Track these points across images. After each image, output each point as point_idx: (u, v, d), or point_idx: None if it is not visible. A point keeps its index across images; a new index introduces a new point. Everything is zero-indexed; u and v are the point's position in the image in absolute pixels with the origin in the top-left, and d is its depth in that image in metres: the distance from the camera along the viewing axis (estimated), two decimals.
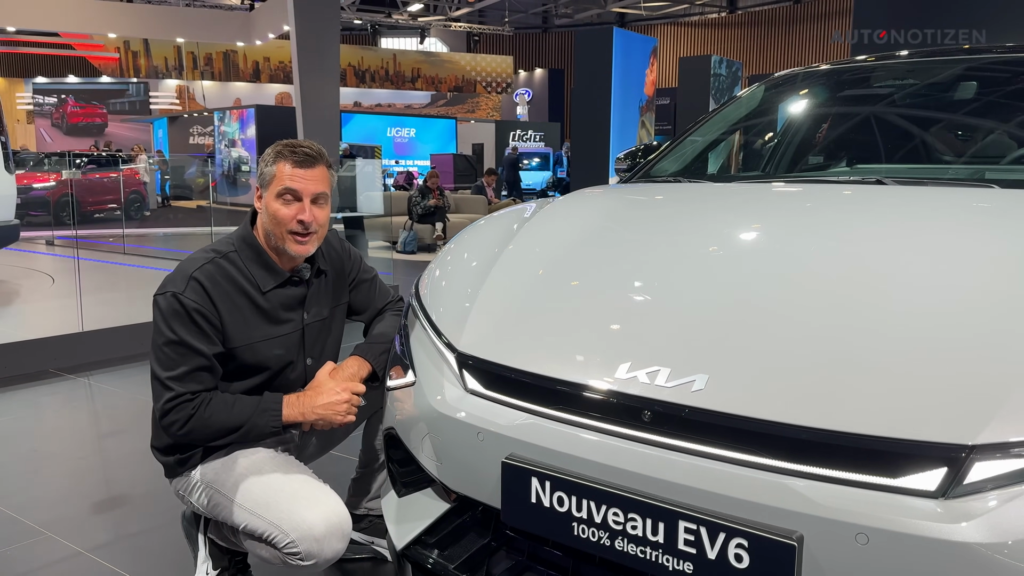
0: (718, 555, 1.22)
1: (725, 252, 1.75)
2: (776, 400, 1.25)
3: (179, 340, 1.88)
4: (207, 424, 1.88)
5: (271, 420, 1.92)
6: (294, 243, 1.98)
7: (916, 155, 2.50)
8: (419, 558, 1.72)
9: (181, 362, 1.88)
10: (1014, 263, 1.42)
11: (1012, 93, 2.61)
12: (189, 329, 1.89)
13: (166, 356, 1.89)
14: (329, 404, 1.96)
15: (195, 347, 1.88)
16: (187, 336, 1.88)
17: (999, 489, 1.10)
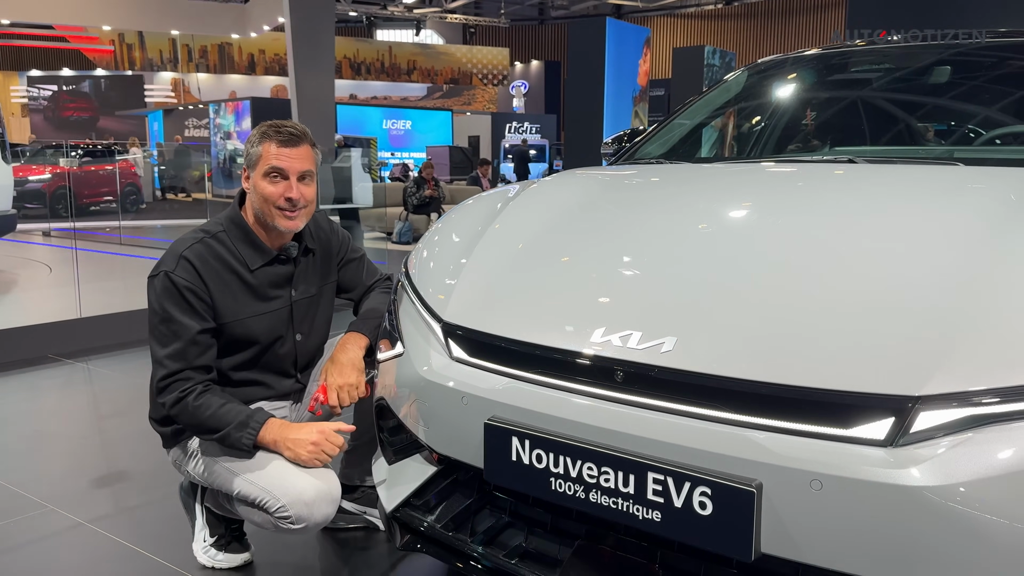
0: (684, 503, 1.30)
1: (695, 226, 1.83)
2: (738, 359, 1.33)
3: (171, 317, 1.95)
4: (191, 416, 1.95)
5: (247, 438, 1.92)
6: (284, 219, 2.06)
7: (892, 136, 2.58)
8: (408, 519, 1.80)
9: (175, 339, 1.95)
10: (962, 231, 1.50)
11: (985, 78, 2.69)
12: (181, 306, 1.96)
13: (161, 334, 1.96)
14: (299, 441, 1.93)
15: (187, 324, 1.96)
16: (179, 313, 1.96)
17: (942, 437, 1.18)
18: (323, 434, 1.94)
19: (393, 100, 29.51)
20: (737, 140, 2.99)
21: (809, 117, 2.83)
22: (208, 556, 2.20)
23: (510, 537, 1.64)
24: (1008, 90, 2.63)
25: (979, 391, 1.19)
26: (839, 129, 2.70)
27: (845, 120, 2.73)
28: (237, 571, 2.18)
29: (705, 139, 2.94)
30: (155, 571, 2.20)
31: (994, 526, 1.13)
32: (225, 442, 1.94)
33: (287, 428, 1.95)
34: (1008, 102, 2.60)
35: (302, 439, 1.93)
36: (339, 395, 2.02)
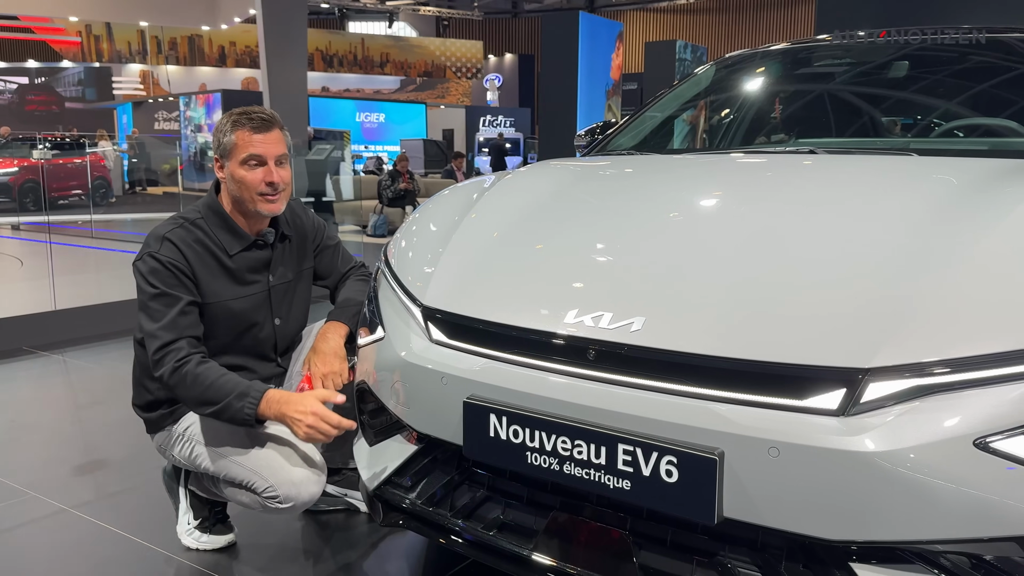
0: (651, 472, 1.38)
1: (664, 214, 1.92)
2: (702, 336, 1.42)
3: (161, 292, 2.00)
4: (190, 386, 1.94)
5: (247, 408, 1.92)
6: (265, 203, 2.11)
7: (853, 128, 2.69)
8: (389, 497, 1.87)
9: (166, 311, 1.99)
10: (911, 216, 1.60)
11: (942, 73, 2.81)
12: (168, 281, 2.01)
13: (152, 310, 2.00)
14: (295, 419, 1.91)
15: (176, 295, 2.01)
16: (167, 287, 2.00)
17: (890, 406, 1.28)
18: (316, 416, 1.90)
19: (366, 93, 29.35)
20: (706, 132, 3.09)
21: (775, 110, 2.93)
22: (192, 538, 2.25)
23: (488, 510, 1.71)
24: (963, 84, 2.75)
25: (925, 363, 1.28)
26: (803, 121, 2.81)
27: (809, 113, 2.84)
28: (221, 552, 2.24)
29: (675, 131, 3.03)
30: (140, 554, 2.24)
31: (937, 487, 1.23)
32: (225, 414, 1.92)
33: (284, 403, 1.92)
34: (963, 96, 2.72)
35: (298, 418, 1.90)
36: (323, 383, 2.08)
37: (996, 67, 2.73)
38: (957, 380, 1.27)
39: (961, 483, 1.23)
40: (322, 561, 2.22)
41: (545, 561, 1.57)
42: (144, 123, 22.09)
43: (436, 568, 2.19)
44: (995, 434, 1.23)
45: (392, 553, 2.29)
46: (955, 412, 1.26)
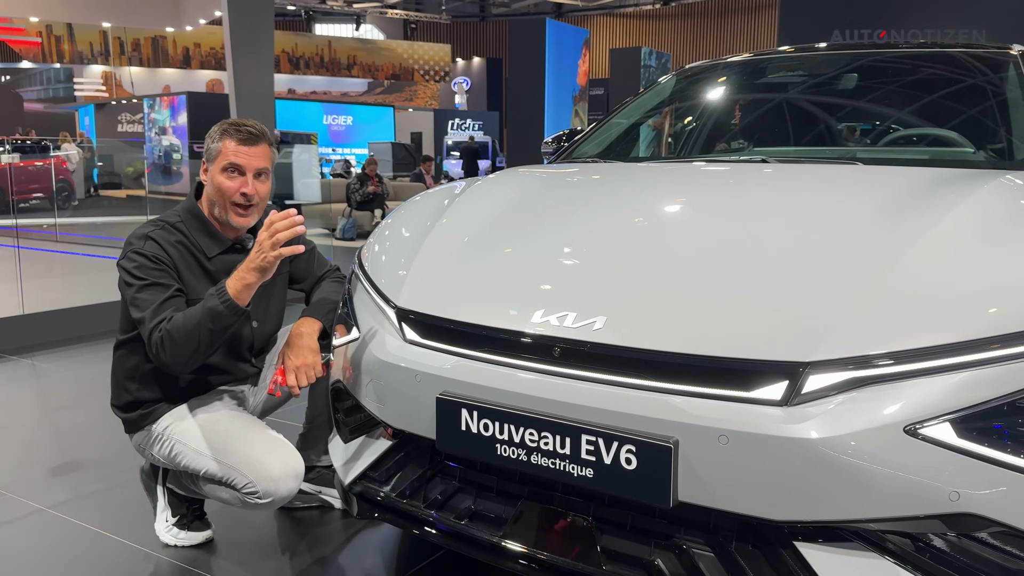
0: (612, 460, 1.49)
1: (624, 219, 2.03)
2: (659, 334, 1.53)
3: (149, 282, 2.06)
4: (175, 336, 1.97)
5: (221, 299, 1.96)
6: (236, 215, 2.18)
7: (805, 138, 2.84)
8: (364, 491, 1.96)
9: (154, 298, 2.05)
10: (851, 221, 1.73)
11: (890, 84, 2.96)
12: (154, 273, 2.08)
13: (141, 300, 2.05)
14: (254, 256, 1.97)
15: (163, 283, 2.07)
16: (154, 277, 2.07)
17: (829, 396, 1.40)
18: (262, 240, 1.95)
19: (333, 95, 29.26)
20: (666, 140, 3.22)
21: (732, 120, 3.07)
22: (171, 535, 2.31)
23: (460, 501, 1.80)
24: (909, 96, 2.91)
25: (860, 356, 1.41)
26: (757, 130, 2.95)
27: (763, 122, 2.98)
28: (199, 548, 2.30)
29: (637, 139, 3.16)
30: (119, 551, 2.30)
31: (871, 471, 1.35)
32: (214, 322, 1.94)
33: (243, 266, 1.98)
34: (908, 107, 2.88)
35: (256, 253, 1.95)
36: (297, 376, 2.14)
37: (939, 80, 2.89)
38: (889, 372, 1.40)
39: (892, 466, 1.35)
40: (298, 555, 2.29)
41: (514, 547, 1.67)
42: (107, 125, 21.80)
43: (408, 561, 2.28)
44: (922, 421, 1.36)
45: (366, 547, 2.37)
46: (887, 401, 1.38)
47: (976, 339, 1.41)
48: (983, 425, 1.37)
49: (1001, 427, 1.37)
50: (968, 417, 1.37)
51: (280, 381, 2.15)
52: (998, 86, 2.70)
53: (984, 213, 1.73)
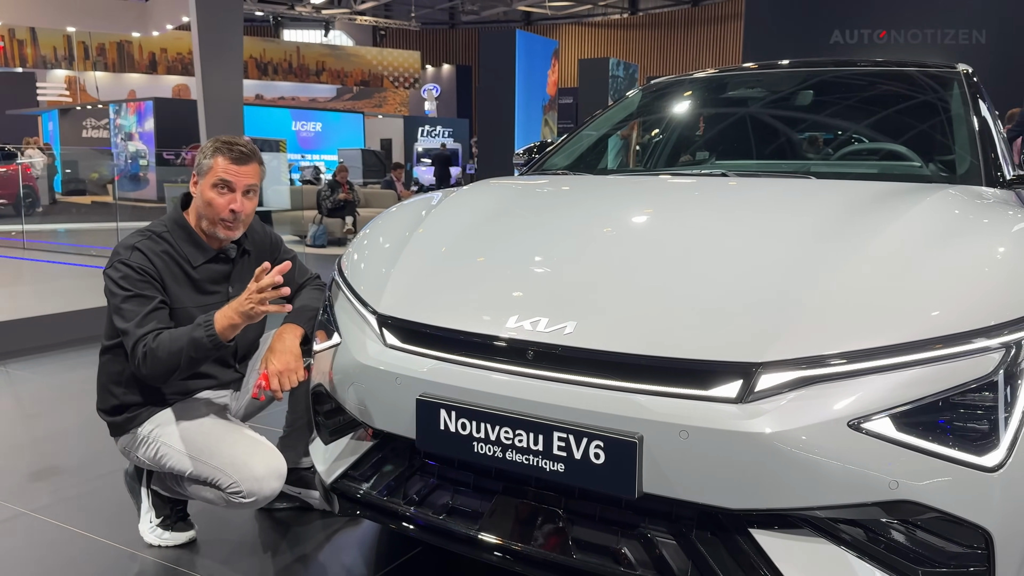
0: (582, 455, 1.60)
1: (593, 229, 2.15)
2: (624, 337, 1.64)
3: (133, 294, 2.14)
4: (157, 355, 2.07)
5: (206, 331, 2.06)
6: (223, 228, 2.27)
7: (763, 152, 2.98)
8: (345, 489, 2.05)
9: (139, 310, 2.13)
10: (802, 232, 1.87)
11: (845, 101, 3.13)
12: (139, 285, 2.15)
13: (125, 310, 2.13)
14: (242, 303, 2.06)
15: (147, 295, 2.15)
16: (138, 289, 2.15)
17: (780, 394, 1.52)
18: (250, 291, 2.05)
19: (301, 101, 29.16)
20: (632, 153, 3.35)
21: (695, 133, 3.21)
22: (155, 535, 2.38)
23: (438, 497, 1.90)
24: (861, 112, 3.07)
25: (808, 357, 1.53)
26: (719, 144, 3.09)
27: (724, 136, 3.12)
28: (183, 548, 2.37)
29: (604, 152, 3.29)
30: (105, 551, 2.36)
31: (818, 462, 1.47)
32: (196, 351, 2.05)
33: (226, 307, 2.08)
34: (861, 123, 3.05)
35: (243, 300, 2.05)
36: (280, 380, 2.22)
37: (890, 96, 3.06)
38: (835, 371, 1.52)
39: (837, 458, 1.47)
40: (279, 554, 2.37)
41: (490, 540, 1.77)
42: (71, 131, 21.54)
43: (386, 558, 2.36)
44: (865, 416, 1.49)
45: (345, 545, 2.45)
46: (833, 398, 1.51)
47: (914, 341, 1.54)
48: (920, 420, 1.50)
49: (936, 421, 1.51)
50: (906, 412, 1.50)
51: (263, 385, 2.22)
52: (945, 103, 2.87)
53: (924, 224, 1.87)
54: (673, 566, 1.59)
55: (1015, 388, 1.54)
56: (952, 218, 1.96)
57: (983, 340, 1.55)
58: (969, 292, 1.65)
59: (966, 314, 1.59)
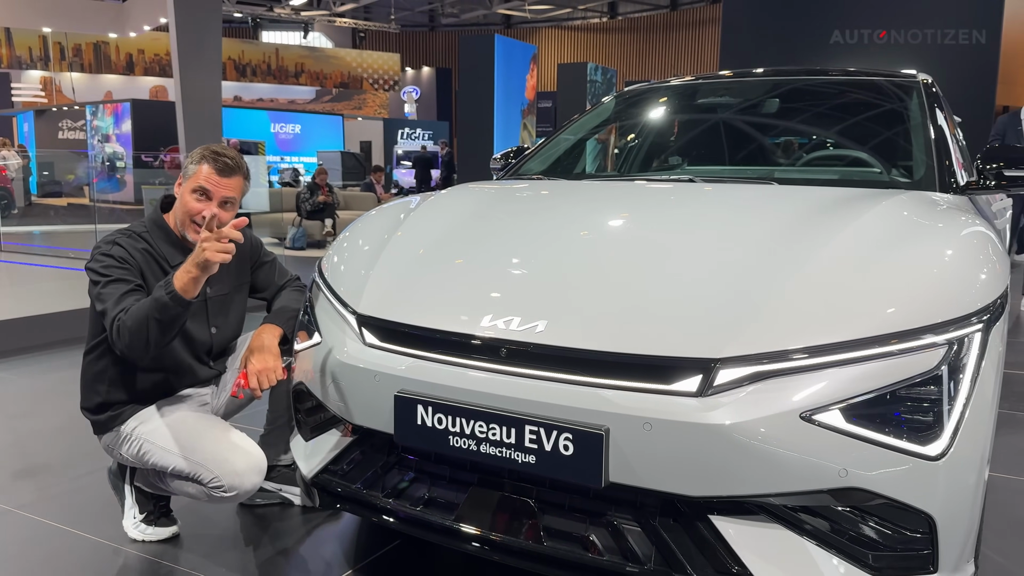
0: (552, 447, 1.68)
1: (564, 231, 2.24)
2: (592, 335, 1.73)
3: (112, 278, 2.21)
4: (130, 326, 2.10)
5: (167, 289, 2.06)
6: (193, 232, 2.33)
7: (731, 157, 3.09)
8: (326, 483, 2.12)
9: (116, 292, 2.19)
10: (762, 235, 1.97)
11: (809, 109, 3.24)
12: (118, 271, 2.22)
13: (105, 295, 2.19)
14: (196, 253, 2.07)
15: (125, 278, 2.22)
16: (117, 274, 2.22)
17: (737, 388, 1.61)
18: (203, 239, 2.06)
19: (280, 103, 29.07)
20: (605, 159, 3.45)
21: (665, 139, 3.32)
22: (139, 531, 2.43)
23: (416, 490, 1.98)
24: (825, 120, 3.19)
25: (764, 353, 1.63)
26: (687, 150, 3.20)
27: (693, 143, 3.23)
28: (166, 543, 2.43)
29: (578, 157, 3.38)
30: (89, 547, 2.41)
31: (773, 452, 1.56)
32: (163, 313, 2.06)
33: (188, 262, 2.08)
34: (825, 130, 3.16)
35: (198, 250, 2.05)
36: (259, 379, 2.28)
37: (853, 104, 3.18)
38: (789, 367, 1.62)
39: (790, 448, 1.57)
40: (260, 548, 2.43)
41: (465, 529, 1.85)
42: (47, 132, 21.33)
43: (365, 550, 2.43)
44: (816, 409, 1.58)
45: (325, 539, 2.52)
46: (787, 392, 1.60)
47: (864, 337, 1.64)
48: (868, 412, 1.60)
49: (883, 413, 1.61)
50: (856, 405, 1.60)
51: (243, 384, 2.29)
52: (904, 111, 2.99)
53: (876, 228, 1.98)
54: (638, 552, 1.68)
55: (957, 381, 1.65)
56: (903, 222, 2.06)
57: (929, 337, 1.65)
58: (916, 292, 1.75)
59: (913, 312, 1.69)
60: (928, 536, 1.62)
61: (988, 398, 1.69)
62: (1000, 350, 1.80)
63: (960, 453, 1.61)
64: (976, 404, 1.65)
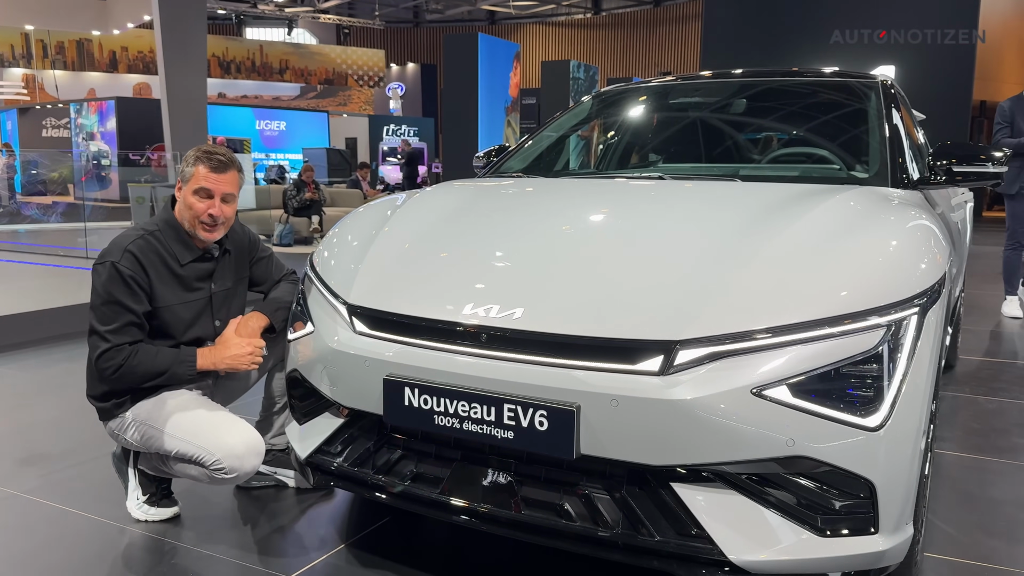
0: (528, 423, 1.84)
1: (542, 225, 2.40)
2: (565, 320, 1.89)
3: (115, 300, 2.34)
4: (134, 371, 2.35)
5: (188, 369, 2.41)
6: (203, 231, 2.48)
7: (700, 156, 3.26)
8: (320, 463, 2.27)
9: (116, 318, 2.34)
10: (721, 227, 2.14)
11: (776, 109, 3.41)
12: (123, 292, 2.35)
13: (103, 313, 2.34)
14: (235, 356, 2.47)
15: (128, 306, 2.35)
16: (122, 297, 2.35)
17: (695, 367, 1.78)
18: (250, 344, 2.48)
19: (265, 100, 29.05)
20: (583, 157, 3.61)
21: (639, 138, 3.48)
22: (142, 511, 2.57)
23: (404, 466, 2.13)
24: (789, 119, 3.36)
25: (719, 335, 1.79)
26: (660, 149, 3.36)
27: (665, 142, 3.40)
28: (168, 522, 2.57)
29: (557, 156, 3.54)
30: (94, 527, 2.55)
31: (727, 425, 1.73)
32: (171, 381, 2.36)
33: (216, 350, 2.45)
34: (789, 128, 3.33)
35: (238, 354, 2.47)
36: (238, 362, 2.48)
37: (816, 104, 3.35)
38: (742, 347, 1.78)
39: (743, 421, 1.73)
40: (257, 526, 2.58)
41: (450, 501, 2.00)
42: (31, 131, 21.27)
43: (356, 527, 2.58)
44: (766, 385, 1.75)
45: (318, 518, 2.67)
46: (740, 370, 1.77)
47: (812, 320, 1.80)
48: (814, 387, 1.77)
49: (828, 388, 1.77)
50: (802, 381, 1.76)
51: None
52: (863, 111, 3.16)
53: (827, 221, 2.15)
54: (607, 517, 1.85)
55: (896, 360, 1.82)
56: (852, 215, 2.23)
57: (873, 318, 1.82)
58: (861, 278, 1.92)
59: (858, 297, 1.85)
60: (869, 500, 1.79)
61: (924, 374, 1.86)
62: (937, 332, 1.97)
63: (898, 424, 1.78)
64: (912, 380, 1.82)
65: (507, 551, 2.40)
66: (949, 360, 4.46)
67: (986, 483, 2.93)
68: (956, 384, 4.23)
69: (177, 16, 10.69)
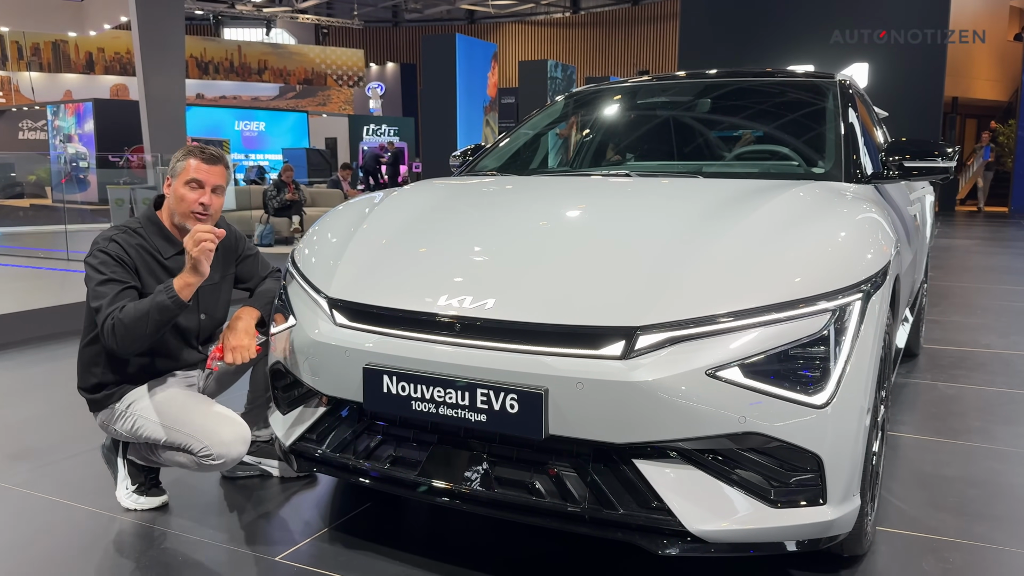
0: (500, 406, 1.96)
1: (513, 220, 2.52)
2: (533, 309, 2.01)
3: (108, 278, 2.44)
4: (125, 323, 2.36)
5: (169, 294, 2.35)
6: (195, 220, 2.58)
7: (667, 154, 3.39)
8: (303, 450, 2.38)
9: (110, 291, 2.43)
10: (682, 221, 2.27)
11: (740, 110, 3.55)
12: (114, 269, 2.46)
13: (100, 292, 2.43)
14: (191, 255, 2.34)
15: (120, 279, 2.46)
16: (113, 274, 2.46)
17: (654, 351, 1.90)
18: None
19: (243, 100, 28.97)
20: (554, 156, 3.74)
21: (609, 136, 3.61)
22: (131, 500, 2.67)
23: (384, 451, 2.24)
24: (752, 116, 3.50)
25: (676, 321, 1.92)
26: (628, 148, 3.50)
27: (633, 141, 3.53)
28: (157, 511, 2.66)
29: (531, 155, 3.67)
30: (85, 516, 2.64)
31: (684, 404, 1.85)
32: (161, 314, 2.34)
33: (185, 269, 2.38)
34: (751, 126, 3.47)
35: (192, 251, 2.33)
36: (234, 355, 2.53)
37: (778, 103, 3.50)
38: (697, 332, 1.91)
39: (698, 400, 1.86)
40: (244, 513, 2.68)
41: (427, 482, 2.12)
42: (7, 133, 21.12)
43: (339, 512, 2.69)
44: (720, 366, 1.88)
45: (302, 505, 2.77)
46: (696, 353, 1.90)
47: (764, 305, 1.94)
48: (765, 368, 1.90)
49: (777, 369, 1.91)
50: (754, 362, 1.89)
51: (218, 356, 2.54)
52: (821, 109, 3.31)
53: (780, 213, 2.29)
54: (575, 493, 1.97)
55: (840, 342, 1.96)
56: (804, 207, 2.37)
57: (822, 303, 1.96)
58: (810, 266, 2.06)
59: (807, 283, 1.99)
60: (818, 473, 1.92)
61: (868, 355, 2.00)
62: (881, 317, 2.11)
63: (843, 402, 1.92)
64: (857, 360, 1.96)
65: (484, 534, 2.52)
66: (912, 348, 4.63)
67: (940, 463, 3.09)
68: (919, 372, 4.40)
69: (154, 17, 10.70)
